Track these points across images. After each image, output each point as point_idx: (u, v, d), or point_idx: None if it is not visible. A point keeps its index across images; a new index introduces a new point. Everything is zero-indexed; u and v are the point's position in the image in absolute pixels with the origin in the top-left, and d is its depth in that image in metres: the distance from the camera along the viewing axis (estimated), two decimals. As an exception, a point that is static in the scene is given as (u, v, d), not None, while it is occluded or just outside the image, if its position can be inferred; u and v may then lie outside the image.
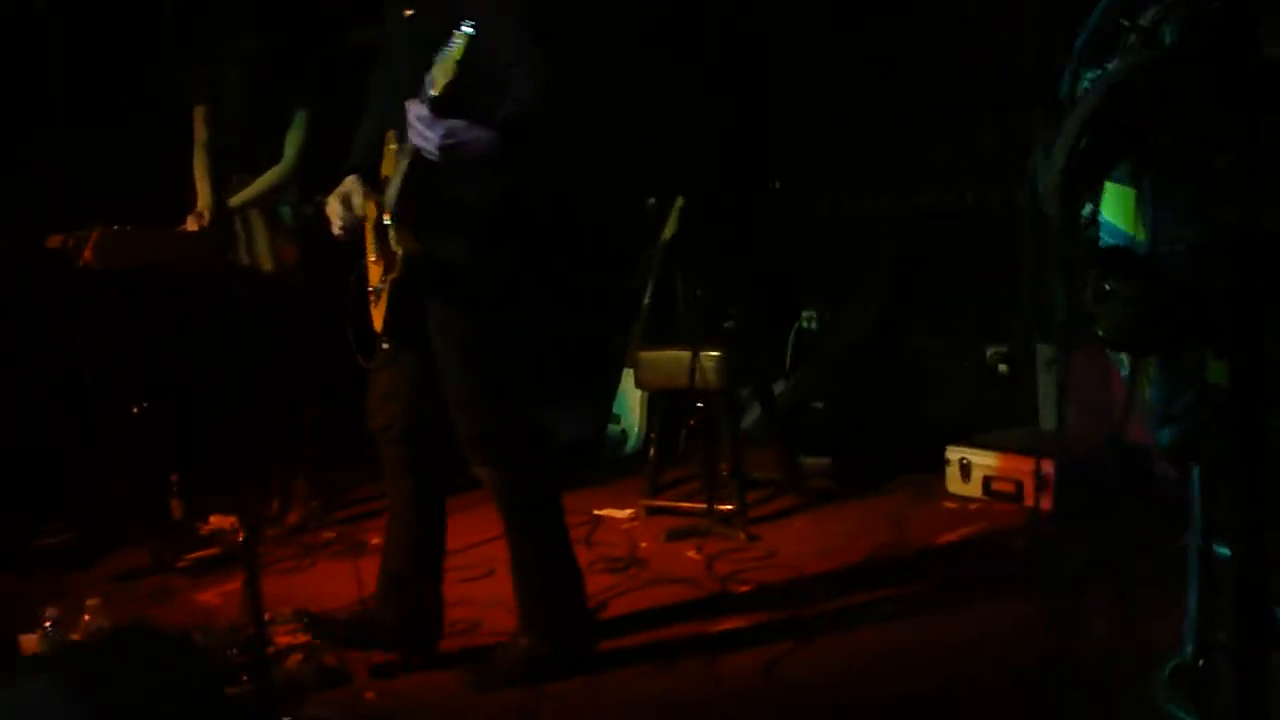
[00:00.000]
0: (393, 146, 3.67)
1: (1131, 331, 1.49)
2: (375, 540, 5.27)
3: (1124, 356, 2.11)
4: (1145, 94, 1.52)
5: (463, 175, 3.52)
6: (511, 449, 3.72)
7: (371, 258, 3.82)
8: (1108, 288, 1.49)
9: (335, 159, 3.94)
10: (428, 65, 3.33)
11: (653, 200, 6.56)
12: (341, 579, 4.83)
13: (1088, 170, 1.51)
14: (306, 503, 5.59)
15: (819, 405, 6.30)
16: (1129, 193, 1.83)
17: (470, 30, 3.13)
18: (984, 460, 5.55)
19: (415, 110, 3.36)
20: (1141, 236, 1.75)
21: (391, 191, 3.59)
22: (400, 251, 3.58)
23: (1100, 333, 1.53)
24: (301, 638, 4.10)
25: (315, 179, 5.04)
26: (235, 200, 5.28)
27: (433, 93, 3.28)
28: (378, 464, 3.99)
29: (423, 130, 3.36)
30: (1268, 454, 1.80)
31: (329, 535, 5.42)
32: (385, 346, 3.75)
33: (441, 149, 3.37)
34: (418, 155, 3.43)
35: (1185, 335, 1.54)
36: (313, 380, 5.45)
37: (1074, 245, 1.55)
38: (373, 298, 3.78)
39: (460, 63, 3.16)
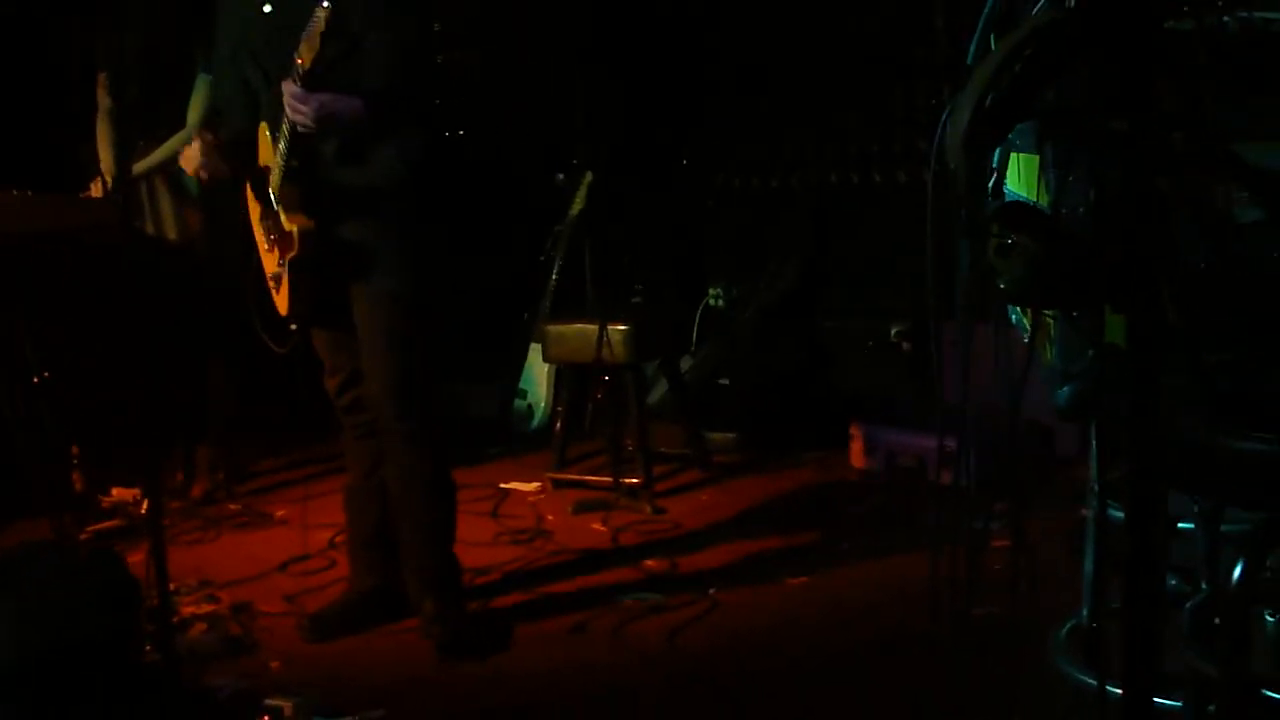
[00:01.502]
0: (267, 136, 3.75)
1: (1032, 285, 1.52)
2: (280, 513, 5.26)
3: (1025, 321, 2.16)
4: (1045, 55, 1.56)
5: (359, 150, 3.63)
6: (427, 403, 3.76)
7: (264, 246, 3.88)
8: (1010, 242, 1.52)
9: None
10: (293, 49, 3.46)
11: (561, 175, 6.57)
12: (245, 550, 4.83)
13: (992, 124, 1.54)
14: (211, 474, 5.54)
15: (725, 381, 6.33)
16: (1032, 159, 1.87)
17: (328, 4, 3.22)
18: (888, 435, 5.62)
19: (289, 89, 3.47)
20: (1044, 201, 1.79)
21: (275, 175, 3.68)
22: (295, 229, 3.65)
23: (1001, 286, 1.57)
24: (206, 607, 4.09)
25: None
26: (139, 167, 5.21)
27: (302, 70, 3.41)
28: (282, 437, 4.01)
29: (297, 106, 3.47)
30: (1162, 413, 1.85)
31: (234, 507, 5.38)
32: (293, 328, 3.79)
33: (317, 120, 3.48)
34: (295, 134, 3.54)
35: (1085, 291, 1.58)
36: (217, 350, 5.40)
37: (978, 200, 1.58)
38: (273, 284, 3.83)
39: (323, 35, 3.26)
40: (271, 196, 3.72)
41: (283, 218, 3.69)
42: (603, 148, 6.59)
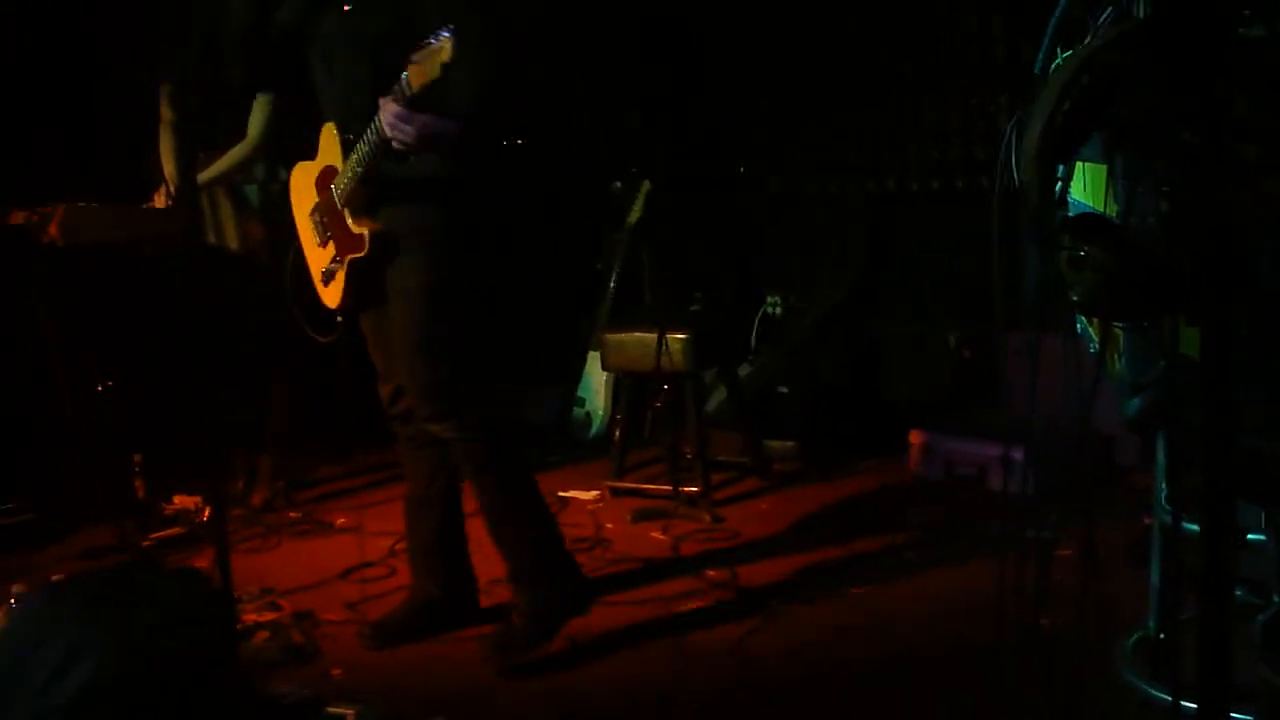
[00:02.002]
0: (334, 135, 3.78)
1: (1104, 297, 1.51)
2: (341, 520, 5.29)
3: (1093, 333, 2.14)
4: (1115, 67, 1.55)
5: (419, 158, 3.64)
6: (466, 404, 3.76)
7: (313, 240, 3.93)
8: (1082, 254, 1.51)
9: (300, 137, 3.99)
10: (378, 61, 3.51)
11: (619, 184, 6.58)
12: (306, 558, 4.86)
13: (1064, 138, 1.53)
14: (271, 482, 5.57)
15: (784, 389, 6.31)
16: (1100, 169, 1.86)
17: (449, 34, 3.23)
18: (946, 443, 5.59)
19: (391, 108, 3.47)
20: (1113, 211, 1.78)
21: (346, 179, 3.71)
22: (366, 232, 3.70)
23: (1073, 297, 1.55)
24: (268, 615, 4.11)
25: (281, 156, 5.03)
26: (201, 178, 5.26)
27: (410, 92, 3.39)
28: (342, 445, 4.03)
29: (400, 125, 3.47)
30: (1234, 425, 1.83)
31: (294, 515, 5.41)
32: (340, 321, 3.84)
33: (419, 141, 3.49)
34: (379, 146, 3.55)
35: (1157, 303, 1.57)
36: (278, 358, 5.44)
37: (1049, 212, 1.57)
38: (322, 279, 3.86)
39: (445, 65, 3.27)
40: (336, 197, 3.76)
41: (349, 219, 3.73)
42: (660, 155, 6.59)
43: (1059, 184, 1.90)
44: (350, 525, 5.18)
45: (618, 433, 5.78)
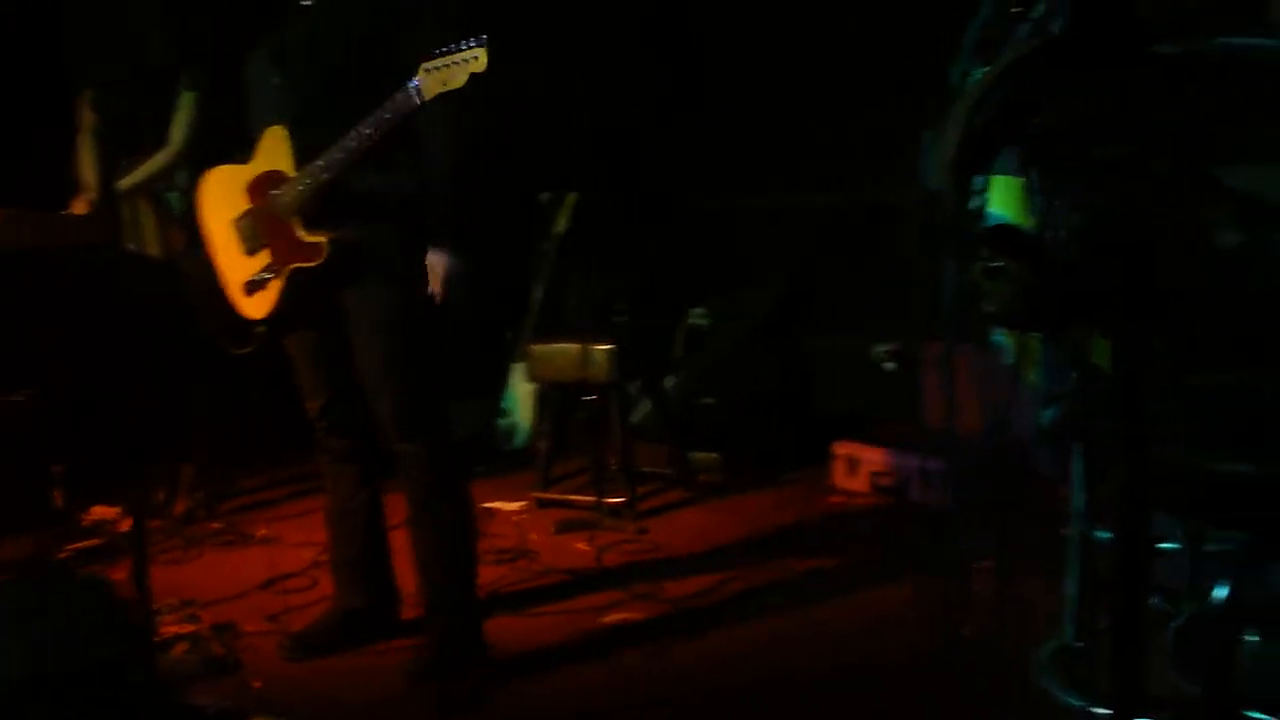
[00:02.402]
0: (283, 139, 3.70)
1: (1019, 308, 1.53)
2: (262, 531, 5.25)
3: (1009, 344, 2.17)
4: (1032, 80, 1.57)
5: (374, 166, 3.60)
6: (437, 423, 3.74)
7: (239, 250, 3.85)
8: (997, 265, 1.53)
9: (225, 143, 3.94)
10: (345, 65, 3.51)
11: (546, 195, 6.57)
12: (227, 570, 4.81)
13: (979, 149, 1.55)
14: (192, 493, 5.52)
15: (709, 400, 6.33)
16: (1017, 183, 1.88)
17: (484, 44, 3.22)
18: (870, 455, 5.63)
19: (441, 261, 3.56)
20: (1029, 224, 1.80)
21: (302, 186, 3.63)
22: (324, 240, 3.63)
23: (989, 309, 1.57)
24: (188, 627, 4.07)
25: (205, 164, 4.98)
26: (123, 185, 5.20)
27: (420, 100, 3.37)
28: (264, 455, 3.99)
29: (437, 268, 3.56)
30: (1147, 435, 1.86)
31: (215, 526, 5.36)
32: (260, 331, 3.78)
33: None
34: (358, 155, 3.50)
35: (1070, 314, 1.59)
36: (200, 368, 5.39)
37: (965, 222, 1.59)
38: (245, 289, 3.80)
39: (476, 76, 3.25)
40: (283, 203, 3.67)
41: (299, 228, 3.65)
42: (586, 166, 6.60)
43: (976, 196, 1.93)
44: (272, 536, 5.15)
45: (542, 443, 5.78)
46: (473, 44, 3.26)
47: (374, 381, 3.70)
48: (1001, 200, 1.98)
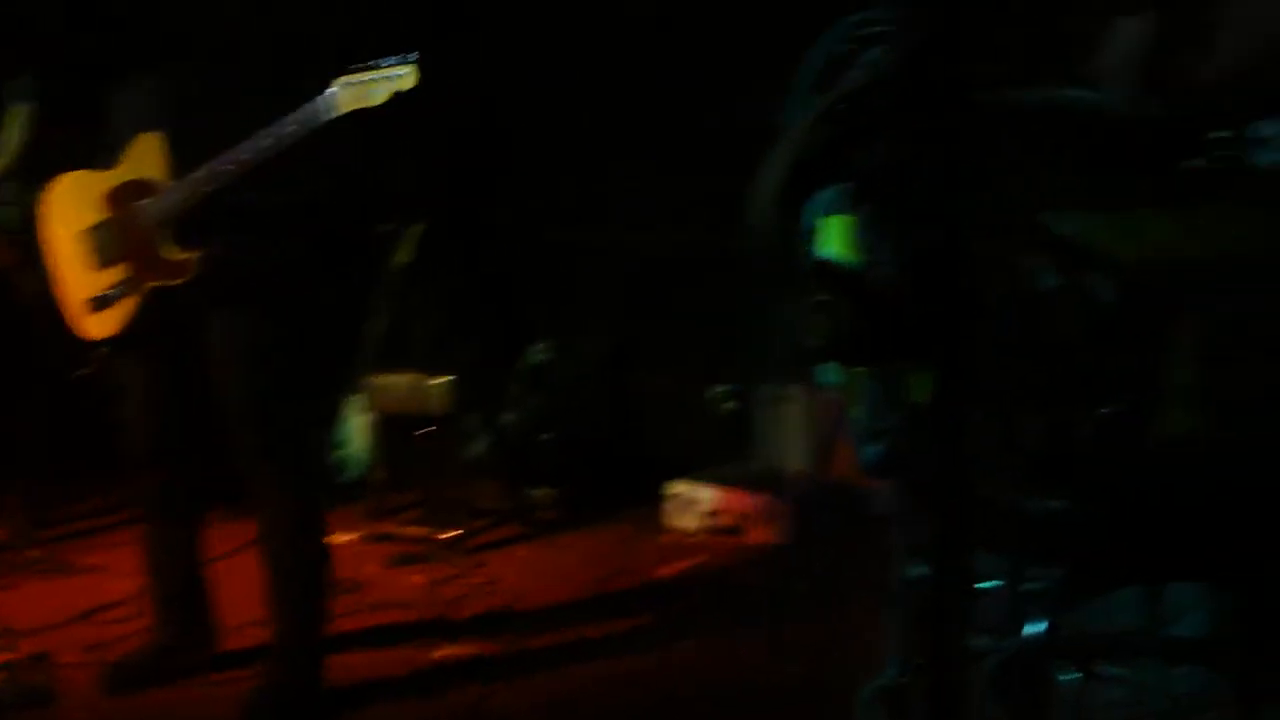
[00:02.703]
0: (158, 147, 3.54)
1: (841, 342, 1.56)
2: (85, 560, 5.12)
3: (838, 381, 2.20)
4: (854, 120, 1.61)
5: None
6: (305, 456, 3.67)
7: (87, 263, 3.68)
8: (821, 299, 1.56)
9: (62, 157, 3.81)
10: (234, 73, 3.36)
11: (389, 225, 6.52)
12: (47, 598, 4.68)
13: (802, 185, 1.59)
14: (14, 519, 5.36)
15: (547, 436, 6.32)
16: (848, 221, 1.91)
17: (414, 61, 3.13)
18: (705, 494, 5.66)
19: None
20: (853, 259, 1.83)
21: (176, 198, 3.48)
22: (195, 257, 3.47)
23: (812, 343, 1.60)
24: (4, 656, 3.96)
25: (40, 178, 4.85)
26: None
27: (333, 114, 3.27)
28: (89, 482, 3.89)
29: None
30: (968, 472, 1.90)
31: (36, 553, 5.21)
32: (102, 351, 3.64)
33: None
34: (248, 169, 3.36)
35: (891, 349, 1.62)
36: (29, 389, 5.25)
37: (792, 258, 1.61)
38: (92, 305, 3.65)
39: (400, 95, 3.16)
40: (149, 214, 3.51)
41: (165, 242, 3.48)
42: (431, 198, 6.56)
43: (806, 233, 1.96)
44: (98, 565, 5.02)
45: (377, 476, 5.72)
46: (400, 60, 3.17)
47: (241, 410, 3.58)
48: (836, 240, 2.01)
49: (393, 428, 5.75)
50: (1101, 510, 2.03)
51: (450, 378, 5.38)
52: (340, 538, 5.52)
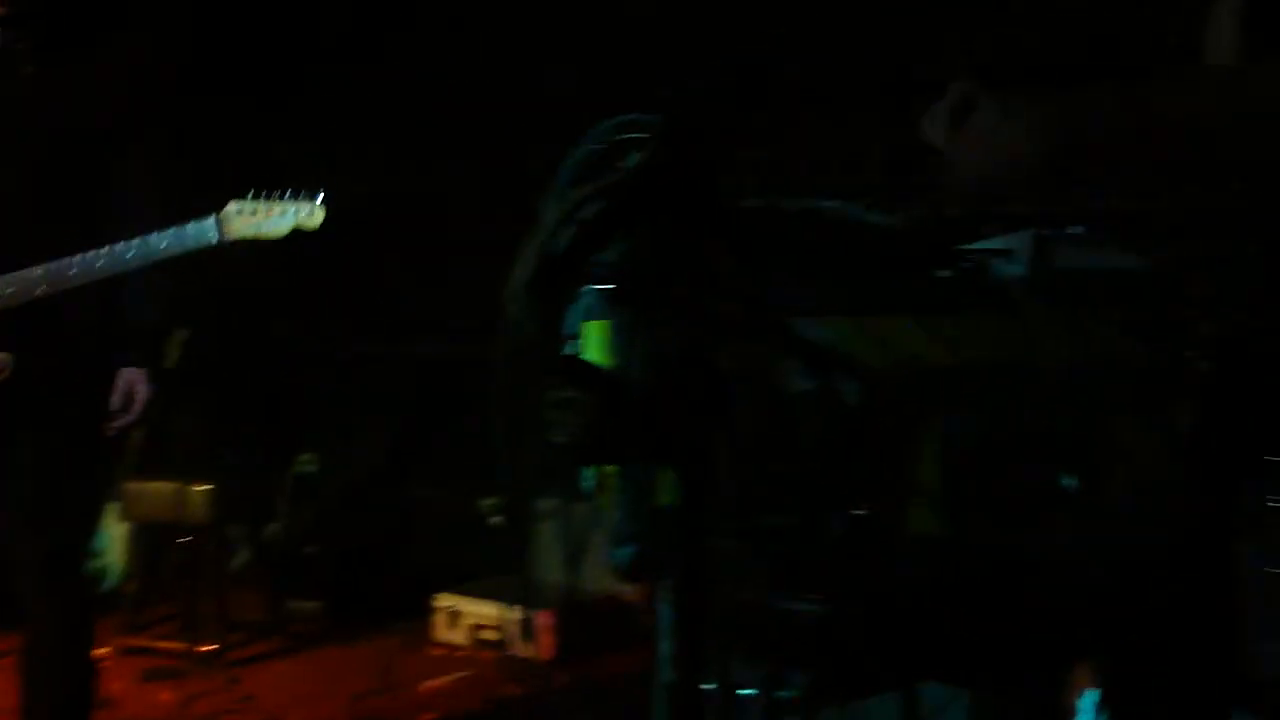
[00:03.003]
0: None
1: (587, 439, 1.55)
2: None
3: (595, 484, 2.18)
4: (607, 217, 1.61)
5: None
6: (81, 568, 3.49)
7: None
8: (567, 395, 1.54)
9: None
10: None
11: (154, 325, 6.35)
12: None
13: (553, 278, 1.58)
14: None
15: (312, 549, 6.20)
16: (605, 326, 1.91)
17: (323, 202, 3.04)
18: (473, 608, 5.60)
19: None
20: (609, 363, 1.83)
21: None
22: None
23: (557, 440, 1.59)
24: None
25: None
26: None
27: (220, 238, 3.18)
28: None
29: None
30: (718, 576, 1.89)
31: None
32: None
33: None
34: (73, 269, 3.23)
35: (638, 447, 1.62)
36: None
37: (546, 358, 1.60)
38: None
39: (302, 234, 3.07)
40: None
41: None
42: (199, 304, 6.42)
43: (568, 337, 1.95)
44: None
45: (131, 587, 5.53)
46: (307, 198, 3.11)
47: (26, 519, 3.42)
48: (595, 344, 2.00)
49: (150, 537, 5.57)
50: (853, 612, 2.05)
51: (212, 486, 5.23)
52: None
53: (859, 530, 1.87)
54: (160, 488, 5.29)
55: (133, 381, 3.43)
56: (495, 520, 6.00)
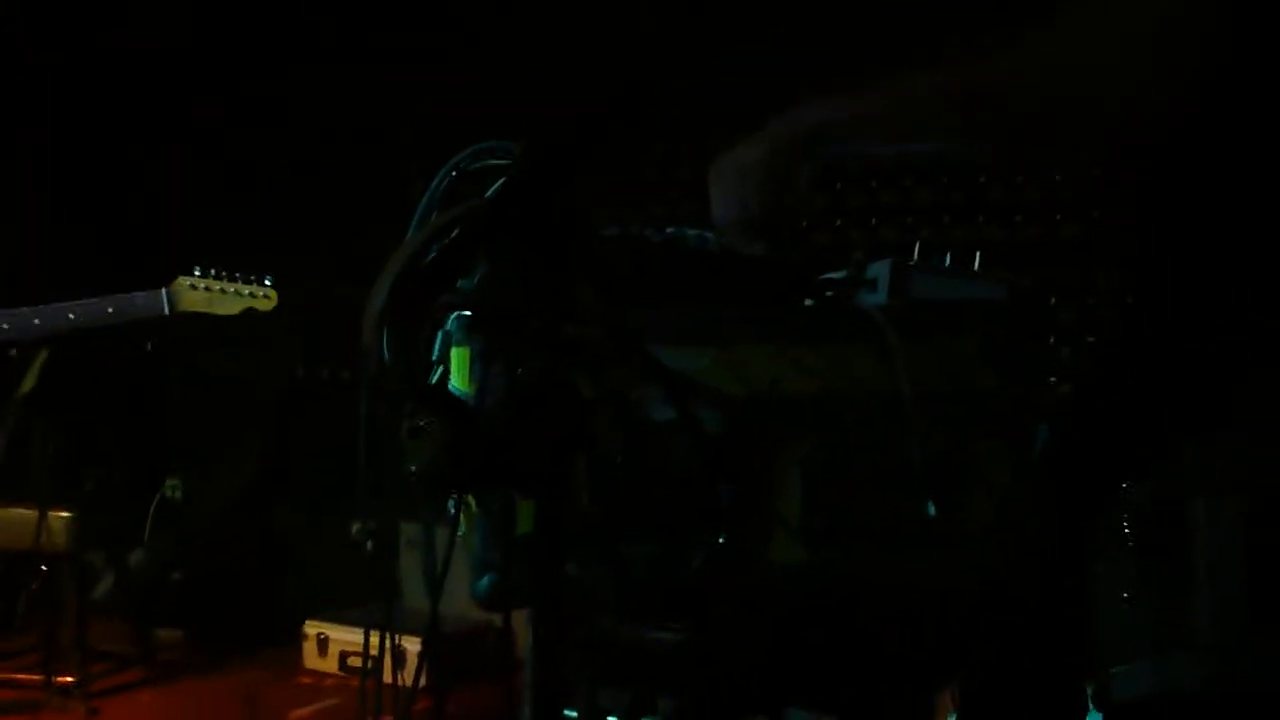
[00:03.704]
0: None
1: (441, 468, 1.53)
2: None
3: (455, 512, 2.17)
4: (459, 244, 1.60)
5: None
6: None
7: None
8: (421, 424, 1.53)
9: None
10: None
11: (14, 351, 6.21)
12: None
13: (405, 305, 1.57)
14: None
15: (177, 575, 6.09)
16: (465, 352, 1.90)
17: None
18: (343, 635, 5.53)
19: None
20: (472, 391, 1.82)
21: None
22: None
23: (412, 468, 1.57)
24: None
25: None
26: None
27: (173, 309, 3.07)
28: None
29: None
30: (580, 604, 1.89)
31: None
32: None
33: None
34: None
35: (493, 475, 1.60)
36: None
37: (403, 382, 1.58)
38: None
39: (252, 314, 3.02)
40: None
41: None
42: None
43: (438, 369, 1.93)
44: None
45: (-12, 617, 5.39)
46: (262, 281, 3.09)
47: None
48: (457, 371, 1.99)
49: (6, 565, 5.43)
50: (716, 639, 2.05)
51: (72, 512, 5.11)
52: (-57, 684, 5.17)
53: (721, 558, 1.86)
54: (18, 514, 5.15)
55: None
56: (365, 544, 5.94)
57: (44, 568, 5.26)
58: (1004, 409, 2.16)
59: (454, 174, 1.94)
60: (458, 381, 1.95)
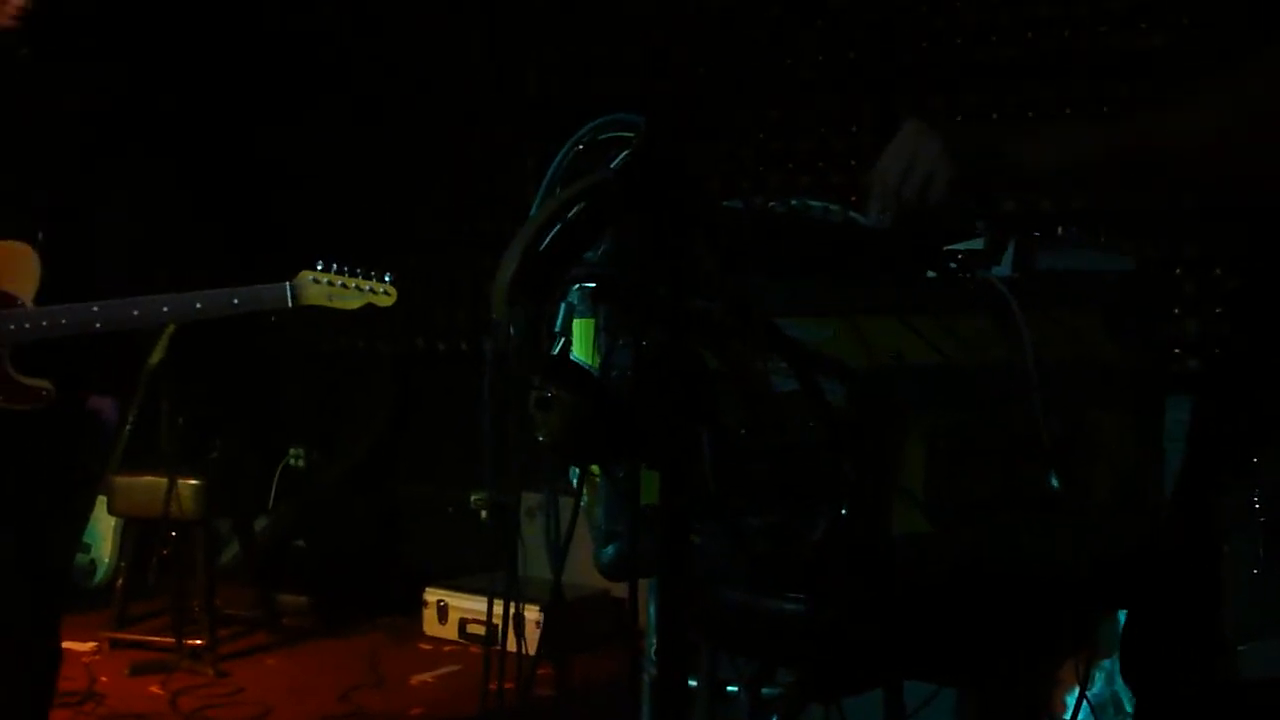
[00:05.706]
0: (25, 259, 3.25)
1: (569, 438, 1.55)
2: None
3: (578, 483, 2.19)
4: (590, 213, 1.61)
5: None
6: (49, 551, 3.49)
7: None
8: (550, 395, 1.55)
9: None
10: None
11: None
12: None
13: (537, 277, 1.58)
14: None
15: (301, 543, 6.20)
16: (589, 324, 1.92)
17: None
18: (462, 603, 5.60)
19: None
20: (594, 362, 1.83)
21: (40, 322, 3.24)
22: (41, 386, 3.22)
23: (540, 438, 1.59)
24: None
25: None
26: None
27: (294, 303, 3.29)
28: None
29: None
30: (704, 575, 1.90)
31: None
32: None
33: None
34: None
35: (620, 447, 1.62)
36: None
37: (530, 353, 1.60)
38: None
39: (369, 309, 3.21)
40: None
41: (11, 367, 3.21)
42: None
43: (556, 334, 1.95)
44: None
45: (120, 581, 5.52)
46: (382, 278, 3.17)
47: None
48: (580, 342, 2.01)
49: (139, 531, 5.56)
50: (838, 610, 2.05)
51: (200, 480, 5.23)
52: (78, 646, 5.30)
53: (844, 529, 1.87)
54: (149, 482, 5.28)
55: (100, 409, 3.42)
56: (485, 514, 6.01)
57: (173, 534, 5.39)
58: (1128, 381, 2.14)
59: (579, 148, 1.96)
60: (580, 352, 1.96)
